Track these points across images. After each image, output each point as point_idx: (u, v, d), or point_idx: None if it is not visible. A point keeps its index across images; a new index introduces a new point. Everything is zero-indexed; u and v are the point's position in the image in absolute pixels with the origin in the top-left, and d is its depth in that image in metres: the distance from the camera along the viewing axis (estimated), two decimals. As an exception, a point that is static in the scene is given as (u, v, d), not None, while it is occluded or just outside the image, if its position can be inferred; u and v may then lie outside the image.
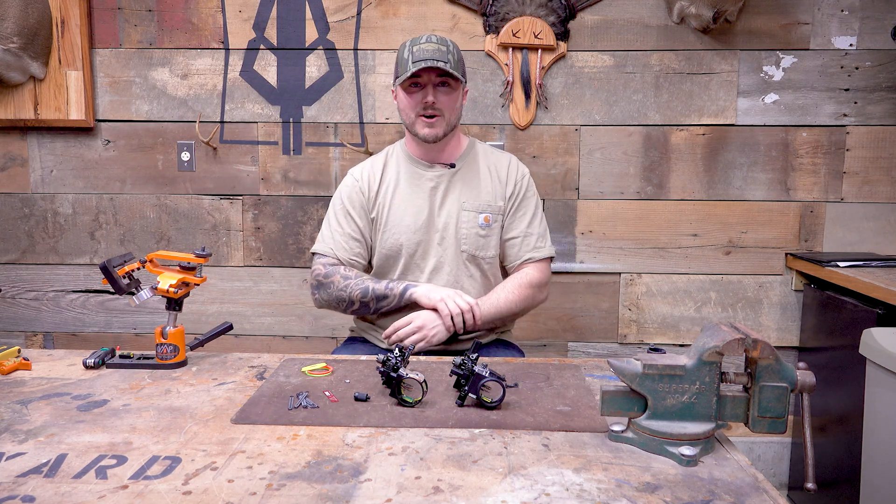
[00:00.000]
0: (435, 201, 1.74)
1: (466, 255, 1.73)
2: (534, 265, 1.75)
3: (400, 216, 1.73)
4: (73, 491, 0.91)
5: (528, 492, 0.92)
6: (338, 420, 1.15)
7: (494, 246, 1.75)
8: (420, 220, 1.72)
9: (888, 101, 2.30)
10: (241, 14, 2.33)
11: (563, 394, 1.28)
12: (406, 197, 1.74)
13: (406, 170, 1.76)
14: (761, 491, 0.93)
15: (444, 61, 1.60)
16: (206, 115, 2.38)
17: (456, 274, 1.73)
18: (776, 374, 1.02)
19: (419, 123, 1.67)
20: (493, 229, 1.74)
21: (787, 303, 2.38)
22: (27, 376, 1.37)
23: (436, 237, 1.73)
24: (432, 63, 1.59)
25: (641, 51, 2.31)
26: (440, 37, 1.66)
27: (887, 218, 2.34)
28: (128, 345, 2.46)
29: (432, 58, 1.59)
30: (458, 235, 1.72)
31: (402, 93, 1.68)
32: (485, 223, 1.73)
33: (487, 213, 1.73)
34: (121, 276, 1.41)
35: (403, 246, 1.72)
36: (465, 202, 1.73)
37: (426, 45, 1.62)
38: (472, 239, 1.72)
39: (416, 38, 1.66)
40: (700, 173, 2.35)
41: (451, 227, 1.73)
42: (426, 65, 1.59)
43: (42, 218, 2.44)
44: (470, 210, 1.73)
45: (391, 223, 1.73)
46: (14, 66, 2.23)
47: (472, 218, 1.72)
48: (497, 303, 1.68)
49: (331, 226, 1.76)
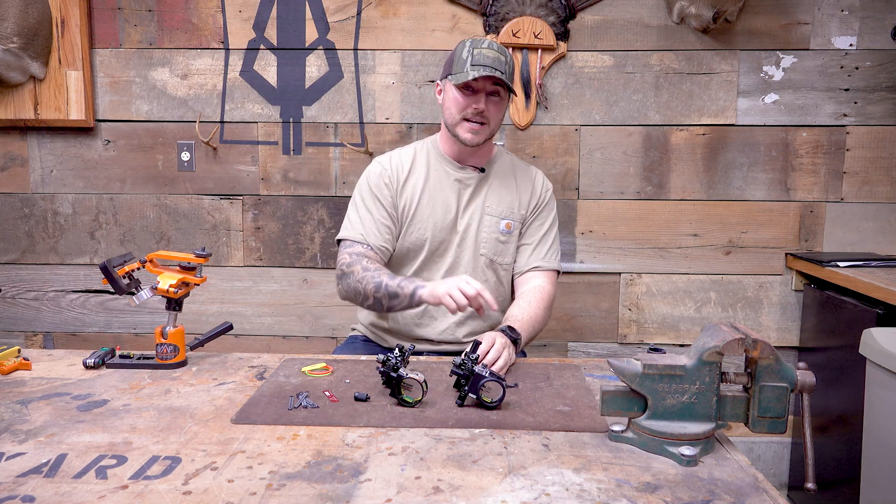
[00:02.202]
0: (461, 202, 1.73)
1: (485, 259, 1.72)
2: (545, 276, 1.72)
3: (430, 212, 1.72)
4: (73, 491, 0.91)
5: (528, 492, 0.92)
6: (338, 420, 1.15)
7: (512, 253, 1.75)
8: (448, 219, 1.72)
9: (888, 101, 2.29)
10: (241, 14, 2.33)
11: (563, 394, 1.28)
12: (436, 193, 1.73)
13: (436, 166, 1.75)
14: (761, 491, 0.93)
15: (501, 71, 1.59)
16: (206, 115, 2.38)
17: (470, 276, 1.70)
18: (776, 374, 1.02)
19: (463, 126, 1.65)
20: (513, 237, 1.74)
21: (787, 303, 2.38)
22: (27, 376, 1.37)
23: (456, 238, 1.73)
24: (492, 72, 1.57)
25: (641, 51, 2.31)
26: (500, 45, 1.65)
27: (887, 218, 2.34)
28: (128, 345, 2.46)
29: (492, 66, 1.58)
30: (478, 239, 1.72)
31: (452, 91, 1.65)
32: (506, 230, 1.73)
33: (510, 219, 1.73)
34: (121, 276, 1.41)
35: (428, 241, 1.71)
36: (489, 207, 1.73)
37: (487, 51, 1.60)
38: (491, 244, 1.72)
39: (476, 40, 1.64)
40: (700, 173, 2.35)
41: (472, 229, 1.72)
42: (487, 72, 1.56)
43: (42, 218, 2.44)
44: (493, 215, 1.72)
45: (419, 217, 1.71)
46: (14, 66, 2.23)
47: (494, 223, 1.72)
48: (533, 330, 1.62)
49: (359, 212, 1.71)
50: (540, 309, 1.64)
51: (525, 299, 1.67)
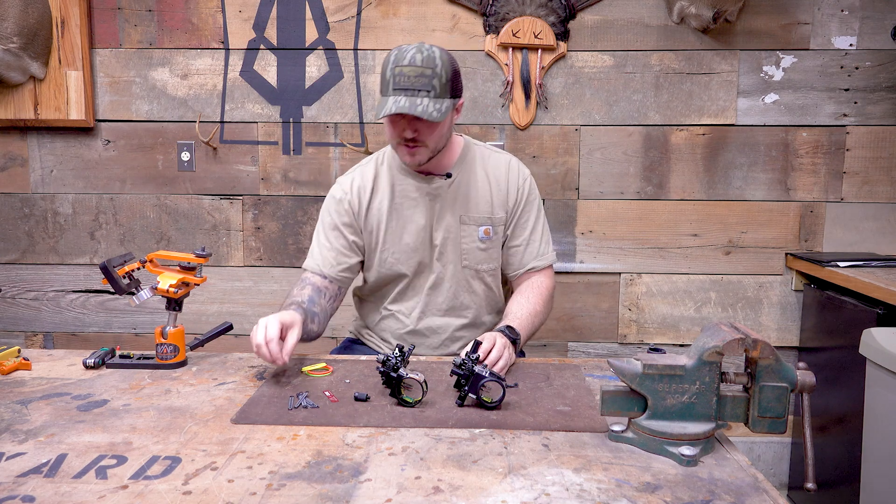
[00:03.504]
0: (432, 216, 1.63)
1: (469, 270, 1.66)
2: (542, 273, 1.70)
3: (398, 236, 1.64)
4: (73, 491, 0.91)
5: (528, 492, 0.92)
6: (338, 420, 1.15)
7: (496, 258, 1.67)
8: (421, 237, 1.63)
9: (888, 101, 2.29)
10: (241, 14, 2.33)
11: (563, 394, 1.28)
12: (404, 212, 1.63)
13: (401, 182, 1.64)
14: (761, 491, 0.93)
15: (426, 90, 1.43)
16: (206, 115, 2.38)
17: (455, 290, 1.67)
18: (776, 374, 1.02)
19: (401, 150, 1.54)
20: (494, 241, 1.66)
21: (787, 303, 2.38)
22: (27, 376, 1.37)
23: (434, 253, 1.65)
24: (407, 107, 1.42)
25: (641, 51, 2.30)
26: (427, 54, 1.45)
27: (887, 218, 2.34)
28: (128, 345, 2.46)
29: (413, 87, 1.43)
30: (459, 251, 1.64)
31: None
32: (485, 236, 1.64)
33: (487, 225, 1.64)
34: (121, 276, 1.41)
35: (404, 266, 1.65)
36: (464, 215, 1.63)
37: (408, 70, 1.43)
38: (473, 253, 1.65)
39: (400, 53, 1.46)
40: (700, 173, 2.35)
41: (449, 241, 1.64)
42: (398, 109, 1.41)
43: (42, 218, 2.44)
44: (470, 224, 1.64)
45: (390, 241, 1.64)
46: (14, 66, 2.23)
47: (472, 232, 1.64)
48: (533, 325, 1.60)
49: (319, 241, 1.67)
50: (539, 305, 1.63)
51: (524, 295, 1.65)
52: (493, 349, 1.38)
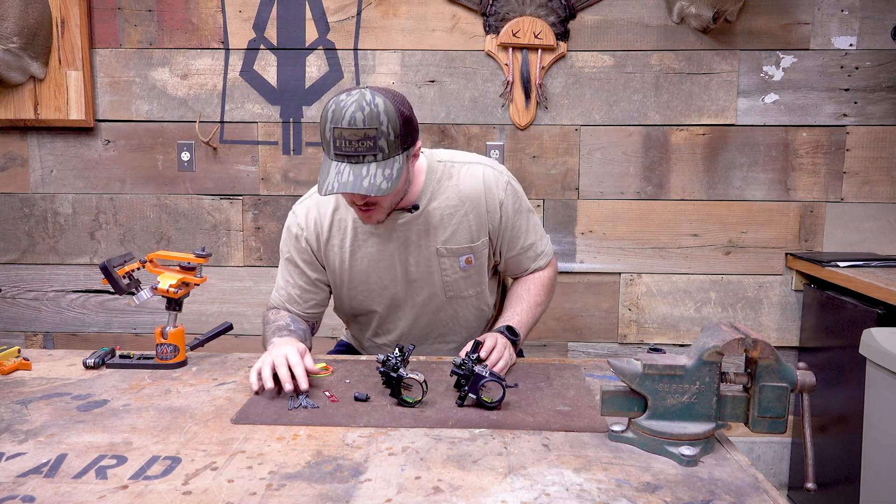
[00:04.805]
0: (404, 250, 1.50)
1: (455, 299, 1.57)
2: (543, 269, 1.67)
3: (364, 274, 1.53)
4: (73, 491, 0.91)
5: (528, 492, 0.92)
6: (338, 420, 1.15)
7: (483, 280, 1.58)
8: (389, 276, 1.52)
9: (888, 101, 2.29)
10: (241, 14, 2.33)
11: (563, 394, 1.28)
12: (368, 251, 1.51)
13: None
14: (761, 491, 0.93)
15: (372, 153, 1.27)
16: (206, 115, 2.38)
17: (439, 319, 1.60)
18: (776, 374, 1.02)
19: (355, 210, 1.41)
20: (478, 266, 1.55)
21: (787, 303, 2.38)
22: (27, 376, 1.37)
23: (411, 287, 1.54)
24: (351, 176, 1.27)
25: (641, 51, 2.30)
26: (370, 110, 1.26)
27: (887, 218, 2.34)
28: (128, 345, 2.46)
29: (355, 152, 1.27)
30: (441, 283, 1.54)
31: None
32: (467, 265, 1.53)
33: (468, 255, 1.52)
34: (121, 276, 1.41)
35: (375, 304, 1.57)
36: (442, 248, 1.50)
37: (348, 133, 1.26)
38: (456, 283, 1.55)
39: (338, 111, 1.27)
40: (700, 173, 2.35)
41: (427, 274, 1.53)
42: (339, 188, 1.27)
43: (42, 218, 2.44)
44: (449, 256, 1.51)
45: (357, 281, 1.54)
46: (14, 66, 2.23)
47: (452, 263, 1.52)
48: (534, 317, 1.59)
49: (283, 276, 1.58)
50: (541, 295, 1.61)
51: (524, 286, 1.61)
52: (493, 349, 1.37)
